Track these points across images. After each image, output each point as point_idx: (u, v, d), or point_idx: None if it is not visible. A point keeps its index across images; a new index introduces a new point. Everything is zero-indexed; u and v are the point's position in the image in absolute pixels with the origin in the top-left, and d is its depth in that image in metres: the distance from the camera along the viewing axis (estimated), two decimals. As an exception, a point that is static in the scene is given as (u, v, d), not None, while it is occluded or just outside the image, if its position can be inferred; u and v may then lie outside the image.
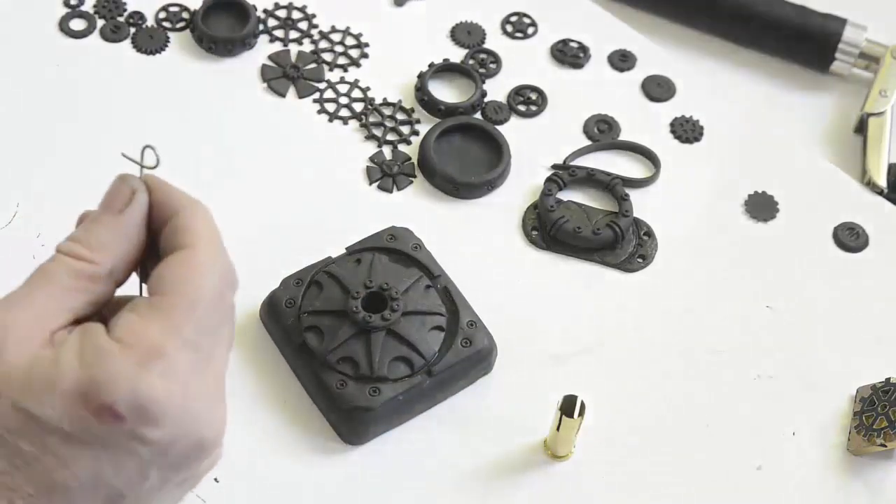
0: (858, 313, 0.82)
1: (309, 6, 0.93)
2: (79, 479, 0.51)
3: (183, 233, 0.54)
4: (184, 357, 0.52)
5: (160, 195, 0.55)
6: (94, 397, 0.50)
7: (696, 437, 0.76)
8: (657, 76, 0.92)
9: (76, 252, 0.54)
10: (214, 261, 0.54)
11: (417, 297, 0.76)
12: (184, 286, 0.52)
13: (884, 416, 0.74)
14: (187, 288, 0.52)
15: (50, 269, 0.53)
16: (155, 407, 0.51)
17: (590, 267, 0.83)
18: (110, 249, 0.54)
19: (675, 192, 0.87)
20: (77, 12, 0.91)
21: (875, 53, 0.93)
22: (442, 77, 0.91)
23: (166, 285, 0.53)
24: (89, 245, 0.54)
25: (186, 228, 0.54)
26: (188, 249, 0.53)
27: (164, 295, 0.52)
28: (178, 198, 0.55)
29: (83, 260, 0.53)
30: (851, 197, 0.87)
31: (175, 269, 0.53)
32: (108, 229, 0.54)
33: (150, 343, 0.51)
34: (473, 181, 0.85)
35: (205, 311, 0.53)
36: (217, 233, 0.55)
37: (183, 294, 0.52)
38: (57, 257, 0.54)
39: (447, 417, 0.76)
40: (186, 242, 0.54)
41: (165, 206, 0.55)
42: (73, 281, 0.53)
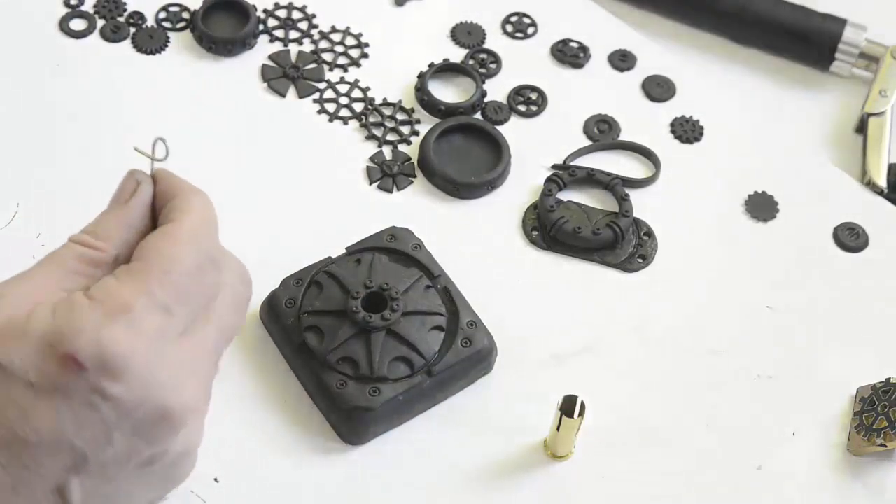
0: (858, 313, 0.82)
1: (309, 6, 0.93)
2: (40, 433, 0.52)
3: (173, 210, 0.56)
4: (152, 318, 0.53)
5: (165, 185, 0.58)
6: (58, 346, 0.51)
7: (696, 437, 0.76)
8: (657, 76, 0.92)
9: (83, 239, 0.56)
10: (195, 235, 0.56)
11: (417, 297, 0.76)
12: (160, 253, 0.54)
13: (884, 416, 0.74)
14: (163, 255, 0.54)
15: (57, 252, 0.56)
16: (117, 360, 0.51)
17: (590, 267, 0.83)
18: (114, 237, 0.56)
19: (675, 192, 0.87)
20: (77, 12, 0.91)
21: (875, 53, 0.93)
22: (442, 77, 0.91)
23: (144, 251, 0.55)
24: (96, 234, 0.56)
25: (177, 207, 0.56)
26: (172, 223, 0.56)
27: (139, 259, 0.54)
28: (179, 185, 0.58)
29: (88, 246, 0.56)
30: (851, 197, 0.87)
31: (155, 239, 0.55)
32: (114, 219, 0.57)
33: (118, 300, 0.52)
34: (473, 181, 0.85)
35: (178, 279, 0.54)
36: (210, 217, 0.57)
37: (158, 260, 0.54)
38: (66, 244, 0.56)
39: (447, 417, 0.76)
40: (174, 217, 0.56)
41: (167, 194, 0.57)
42: (76, 264, 0.55)
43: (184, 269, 0.54)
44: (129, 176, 0.58)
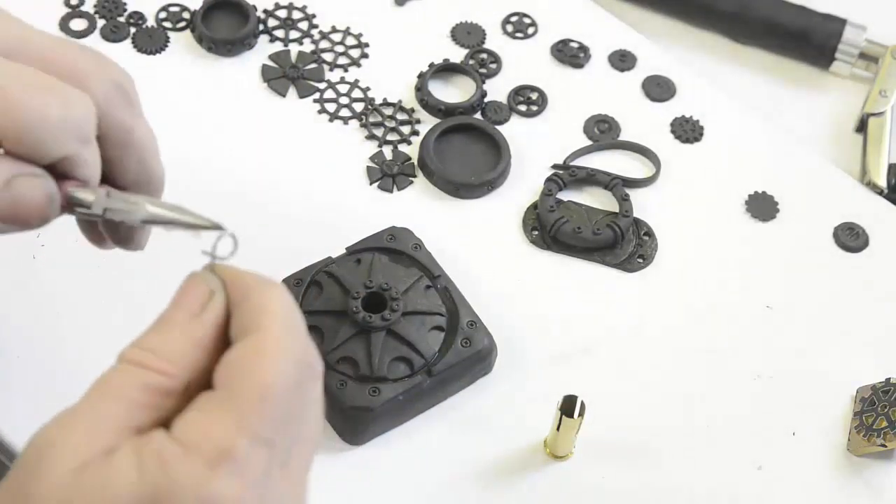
0: (858, 313, 0.82)
1: (309, 6, 0.94)
2: None
3: (255, 314, 0.47)
4: (256, 459, 0.45)
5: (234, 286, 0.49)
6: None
7: (696, 437, 0.76)
8: (657, 76, 0.92)
9: (146, 362, 0.47)
10: (288, 344, 0.47)
11: (417, 297, 0.76)
12: (252, 374, 0.46)
13: (884, 416, 0.74)
14: (256, 376, 0.46)
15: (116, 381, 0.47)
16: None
17: (590, 267, 0.83)
18: (185, 359, 0.47)
19: (675, 192, 0.87)
20: (77, 12, 0.91)
21: (875, 53, 0.93)
22: (442, 77, 0.91)
23: (232, 375, 0.46)
24: (163, 353, 0.47)
25: (257, 309, 0.48)
26: (258, 333, 0.47)
27: (229, 387, 0.46)
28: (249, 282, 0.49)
29: (155, 372, 0.47)
30: (851, 197, 0.87)
31: (242, 356, 0.46)
32: (185, 335, 0.48)
33: (215, 442, 0.45)
34: (473, 181, 0.85)
35: (277, 403, 0.46)
36: (294, 314, 0.48)
37: (251, 384, 0.46)
38: (125, 368, 0.47)
39: (447, 417, 0.76)
40: (258, 325, 0.47)
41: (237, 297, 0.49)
42: (142, 396, 0.46)
43: (282, 391, 0.46)
44: (197, 281, 0.49)
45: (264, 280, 0.49)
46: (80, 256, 0.79)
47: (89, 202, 0.54)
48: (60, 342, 0.76)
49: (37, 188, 0.53)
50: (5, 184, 0.52)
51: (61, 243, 0.78)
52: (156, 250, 0.64)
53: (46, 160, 0.53)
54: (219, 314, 0.49)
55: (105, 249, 0.61)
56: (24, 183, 0.53)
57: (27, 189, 0.53)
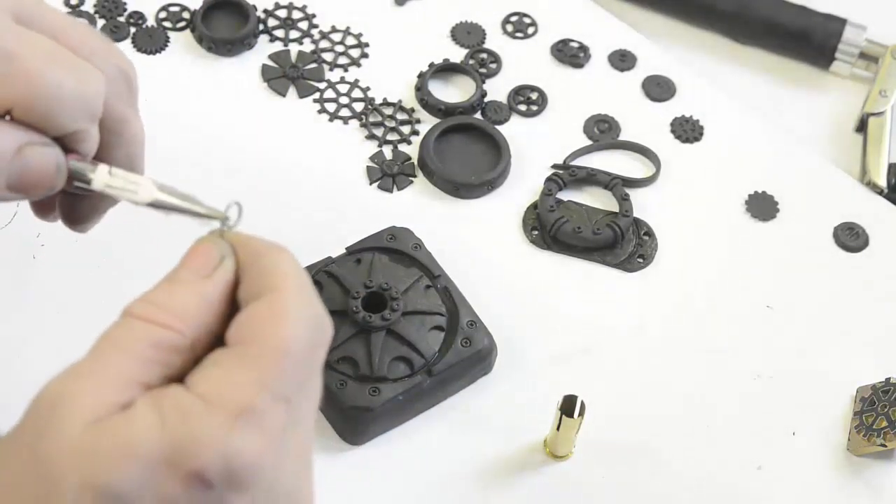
0: (858, 313, 0.82)
1: (309, 6, 0.93)
2: None
3: (268, 275, 0.48)
4: (276, 413, 0.46)
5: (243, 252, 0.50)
6: (181, 463, 0.44)
7: (696, 437, 0.76)
8: (657, 76, 0.92)
9: (156, 318, 0.47)
10: (304, 304, 0.47)
11: (417, 296, 0.76)
12: (272, 333, 0.46)
13: (884, 416, 0.74)
14: (276, 335, 0.46)
15: (122, 337, 0.46)
16: (247, 471, 0.44)
17: (590, 267, 0.83)
18: (193, 317, 0.47)
19: (675, 192, 0.87)
20: (77, 12, 0.91)
21: (875, 53, 0.93)
22: (442, 77, 0.91)
23: (252, 333, 0.46)
24: (171, 309, 0.47)
25: (272, 271, 0.48)
26: (275, 293, 0.47)
27: (249, 344, 0.46)
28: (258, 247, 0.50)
29: (164, 327, 0.46)
30: (851, 197, 0.87)
31: (261, 315, 0.47)
32: (195, 293, 0.48)
33: (238, 398, 0.45)
34: (473, 181, 0.85)
35: (296, 361, 0.46)
36: (305, 276, 0.49)
37: (271, 342, 0.46)
38: (131, 323, 0.47)
39: (447, 417, 0.76)
40: (272, 285, 0.47)
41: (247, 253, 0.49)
42: (150, 351, 0.46)
43: (300, 350, 0.46)
44: (210, 244, 0.49)
45: (273, 244, 0.49)
46: (80, 256, 0.79)
47: (90, 178, 0.54)
48: (61, 342, 0.76)
49: (47, 157, 0.53)
50: (17, 151, 0.52)
51: (61, 243, 0.78)
52: (156, 250, 0.64)
53: (56, 132, 0.53)
54: (229, 276, 0.49)
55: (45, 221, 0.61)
56: (35, 152, 0.53)
57: (37, 158, 0.53)
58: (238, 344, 0.46)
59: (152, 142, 0.86)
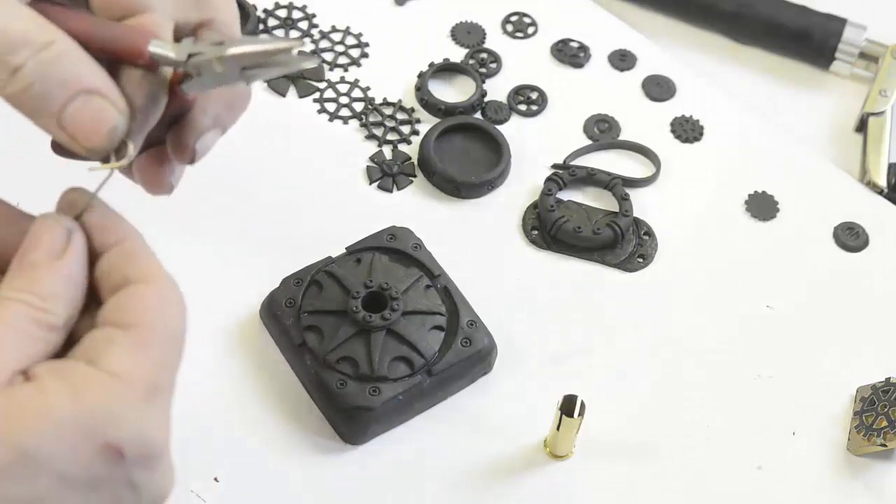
0: (858, 313, 0.82)
1: (309, 6, 0.93)
2: None
3: (139, 263, 0.50)
4: (169, 395, 0.49)
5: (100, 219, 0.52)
6: (100, 434, 0.46)
7: (697, 436, 0.76)
8: (657, 76, 0.92)
9: (30, 301, 0.49)
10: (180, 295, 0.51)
11: (417, 296, 0.76)
12: (164, 321, 0.49)
13: (884, 415, 0.74)
14: (167, 323, 0.49)
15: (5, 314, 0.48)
16: (155, 447, 0.47)
17: (590, 267, 0.83)
18: (62, 297, 0.49)
19: (675, 192, 0.87)
20: (77, 12, 0.91)
21: (875, 53, 0.93)
22: (442, 77, 0.91)
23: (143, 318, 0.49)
24: (40, 294, 0.49)
25: (139, 258, 0.51)
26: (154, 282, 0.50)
27: (142, 327, 0.48)
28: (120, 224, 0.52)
29: (39, 310, 0.48)
30: (851, 197, 0.88)
31: (150, 303, 0.49)
32: (55, 276, 0.50)
33: (148, 378, 0.47)
34: (473, 181, 0.85)
35: (180, 347, 0.50)
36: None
37: (165, 330, 0.49)
38: (7, 303, 0.48)
39: (447, 417, 0.76)
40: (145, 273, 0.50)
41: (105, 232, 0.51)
42: (33, 329, 0.48)
43: (183, 335, 0.50)
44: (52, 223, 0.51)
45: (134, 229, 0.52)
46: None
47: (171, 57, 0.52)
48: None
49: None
50: None
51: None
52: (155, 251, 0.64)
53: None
54: (82, 253, 0.50)
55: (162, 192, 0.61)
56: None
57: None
58: (130, 326, 0.48)
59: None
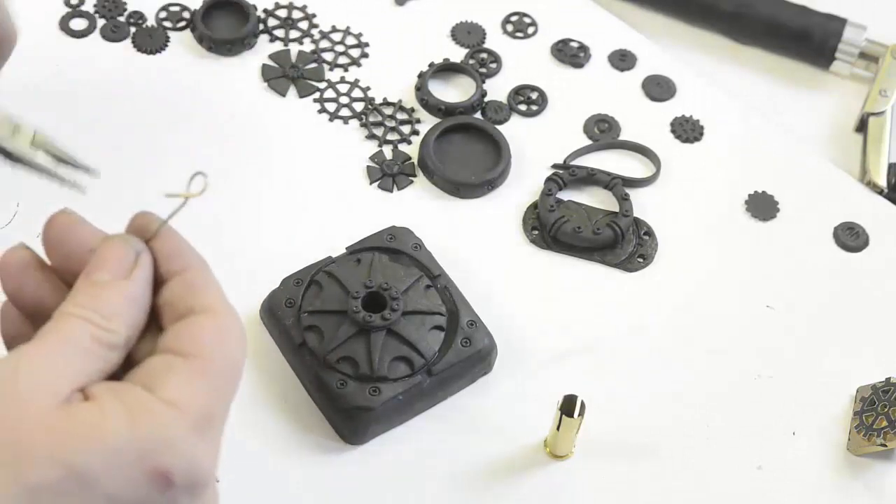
0: (858, 313, 0.82)
1: (309, 6, 0.93)
2: None
3: (202, 294, 0.52)
4: (221, 425, 0.50)
5: (168, 245, 0.53)
6: (150, 459, 0.47)
7: (696, 436, 0.76)
8: (657, 76, 0.92)
9: (92, 319, 0.50)
10: (241, 327, 0.52)
11: (417, 296, 0.76)
12: (222, 351, 0.51)
13: (884, 415, 0.74)
14: (225, 354, 0.51)
15: (67, 330, 0.50)
16: (203, 476, 0.48)
17: (590, 267, 0.83)
18: (124, 317, 0.51)
19: (675, 192, 0.87)
20: (77, 12, 0.91)
21: (875, 53, 0.93)
22: (442, 77, 0.91)
23: (202, 348, 0.50)
24: (103, 313, 0.50)
25: (205, 290, 0.52)
26: (217, 313, 0.52)
27: (203, 359, 0.50)
28: (186, 252, 0.53)
29: (101, 328, 0.50)
30: (851, 197, 0.87)
31: (210, 333, 0.51)
32: (119, 296, 0.51)
33: (201, 408, 0.49)
34: (473, 181, 0.85)
35: (236, 378, 0.51)
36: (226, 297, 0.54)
37: (222, 360, 0.50)
38: (71, 320, 0.50)
39: (447, 417, 0.76)
40: (210, 305, 0.52)
41: (173, 259, 0.53)
42: (94, 346, 0.50)
43: (241, 367, 0.51)
44: (122, 244, 0.52)
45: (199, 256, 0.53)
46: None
47: None
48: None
49: None
50: None
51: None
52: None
53: None
54: (147, 275, 0.52)
55: None
56: None
57: None
58: (189, 355, 0.50)
59: (152, 142, 0.86)
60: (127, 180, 0.83)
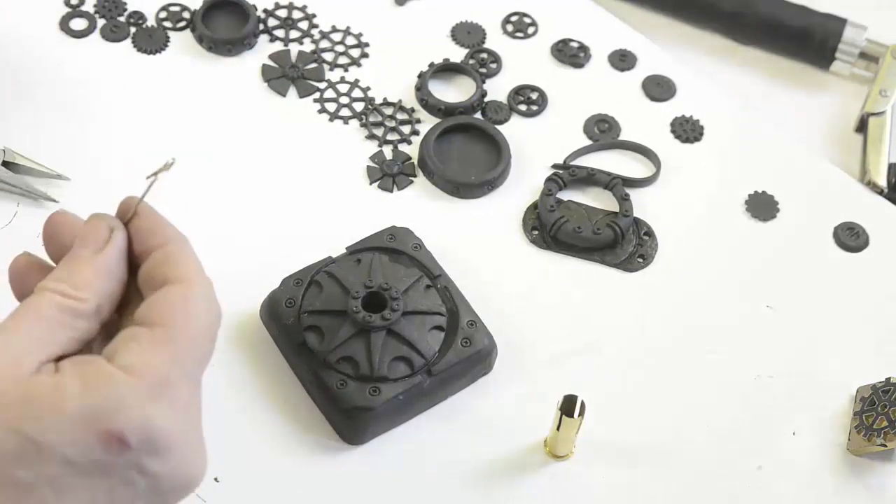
0: (858, 313, 0.82)
1: (309, 6, 0.93)
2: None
3: (174, 264, 0.54)
4: (185, 389, 0.52)
5: (147, 222, 0.56)
6: (102, 423, 0.49)
7: (697, 436, 0.76)
8: (657, 76, 0.92)
9: (61, 290, 0.53)
10: (210, 295, 0.54)
11: (417, 296, 0.76)
12: (186, 320, 0.52)
13: (884, 415, 0.74)
14: (190, 322, 0.53)
15: (35, 303, 0.53)
16: (162, 438, 0.50)
17: (590, 267, 0.83)
18: (94, 287, 0.54)
19: (675, 192, 0.87)
20: (77, 12, 0.91)
21: (875, 53, 0.93)
22: (442, 77, 0.91)
23: (166, 317, 0.52)
24: (73, 283, 0.53)
25: (178, 260, 0.54)
26: (185, 283, 0.54)
27: (164, 326, 0.52)
28: (165, 228, 0.56)
29: (69, 297, 0.53)
30: (851, 197, 0.87)
31: (176, 303, 0.53)
32: (90, 267, 0.54)
33: (157, 373, 0.51)
34: (473, 181, 0.85)
35: (204, 348, 0.53)
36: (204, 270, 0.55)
37: (186, 328, 0.52)
38: (42, 293, 0.53)
39: (447, 417, 0.76)
40: (182, 275, 0.54)
41: (151, 235, 0.55)
42: (60, 315, 0.52)
43: (207, 334, 0.53)
44: (98, 221, 0.56)
45: (178, 231, 0.56)
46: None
47: None
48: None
49: None
50: None
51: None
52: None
53: None
54: (120, 248, 0.55)
55: None
56: None
57: None
58: (154, 324, 0.52)
59: (153, 141, 0.86)
60: (126, 179, 0.83)
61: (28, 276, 0.56)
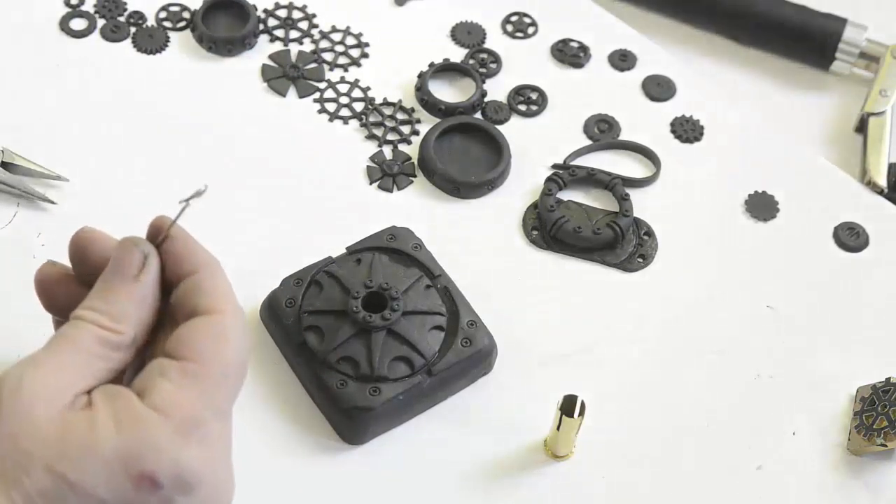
0: (858, 313, 0.82)
1: (309, 6, 0.93)
2: None
3: (207, 295, 0.54)
4: (217, 427, 0.53)
5: (180, 247, 0.56)
6: (135, 465, 0.50)
7: (696, 436, 0.76)
8: (657, 76, 0.92)
9: (99, 321, 0.53)
10: (240, 326, 0.54)
11: (417, 296, 0.76)
12: (216, 355, 0.53)
13: (884, 415, 0.74)
14: (220, 357, 0.53)
15: (74, 335, 0.53)
16: (192, 477, 0.51)
17: (590, 267, 0.83)
18: (131, 318, 0.54)
19: (675, 192, 0.87)
20: (77, 12, 0.91)
21: (875, 53, 0.93)
22: (442, 77, 0.91)
23: (196, 351, 0.53)
24: (111, 315, 0.54)
25: (211, 291, 0.54)
26: (217, 315, 0.54)
27: (195, 362, 0.53)
28: (198, 254, 0.56)
29: (107, 329, 0.53)
30: (851, 197, 0.87)
31: (206, 336, 0.53)
32: (127, 297, 0.54)
33: (188, 412, 0.52)
34: (473, 181, 0.85)
35: (234, 381, 0.54)
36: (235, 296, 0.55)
37: (216, 363, 0.53)
38: (80, 324, 0.53)
39: (447, 417, 0.76)
40: (212, 306, 0.54)
41: (184, 261, 0.55)
42: (98, 348, 0.53)
43: (238, 367, 0.54)
44: (132, 247, 0.55)
45: (211, 257, 0.56)
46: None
47: None
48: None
49: None
50: None
51: (61, 243, 0.78)
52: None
53: None
54: (155, 276, 0.55)
55: None
56: None
57: None
58: (184, 358, 0.53)
59: (153, 141, 0.86)
60: (127, 180, 0.83)
61: (57, 286, 0.57)
